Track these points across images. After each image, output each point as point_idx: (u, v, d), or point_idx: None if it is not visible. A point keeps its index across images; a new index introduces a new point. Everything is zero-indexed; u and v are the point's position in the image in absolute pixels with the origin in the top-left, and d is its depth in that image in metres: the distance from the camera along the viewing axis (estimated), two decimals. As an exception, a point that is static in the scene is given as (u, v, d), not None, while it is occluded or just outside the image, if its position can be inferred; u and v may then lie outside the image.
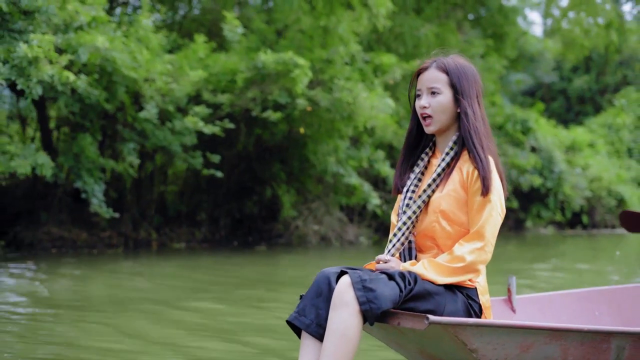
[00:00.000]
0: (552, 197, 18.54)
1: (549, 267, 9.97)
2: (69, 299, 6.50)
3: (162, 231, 12.27)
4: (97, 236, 11.46)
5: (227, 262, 10.02)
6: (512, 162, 17.24)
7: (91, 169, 9.88)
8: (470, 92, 2.87)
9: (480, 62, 16.16)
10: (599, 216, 20.20)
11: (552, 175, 18.29)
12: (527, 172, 17.56)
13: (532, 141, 18.22)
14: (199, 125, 10.12)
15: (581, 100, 30.19)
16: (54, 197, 11.23)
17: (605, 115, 25.12)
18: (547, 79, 29.93)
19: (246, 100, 10.81)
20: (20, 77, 8.22)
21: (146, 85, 10.02)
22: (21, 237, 10.91)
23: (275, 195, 12.54)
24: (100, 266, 9.02)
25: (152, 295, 6.68)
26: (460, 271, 2.75)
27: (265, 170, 12.54)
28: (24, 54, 8.16)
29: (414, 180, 2.96)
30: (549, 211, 18.67)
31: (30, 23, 8.85)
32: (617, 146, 23.26)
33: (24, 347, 4.25)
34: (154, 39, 10.45)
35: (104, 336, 4.61)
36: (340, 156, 12.35)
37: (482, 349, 2.64)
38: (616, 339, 2.83)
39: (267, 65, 10.53)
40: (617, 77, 29.64)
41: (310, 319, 2.67)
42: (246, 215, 13.04)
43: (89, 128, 10.11)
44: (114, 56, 9.41)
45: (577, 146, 20.88)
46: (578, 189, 19.08)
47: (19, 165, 8.75)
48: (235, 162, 12.45)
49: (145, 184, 11.98)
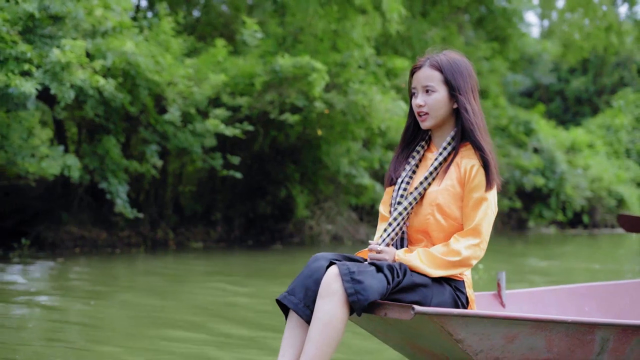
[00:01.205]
0: (554, 197, 18.89)
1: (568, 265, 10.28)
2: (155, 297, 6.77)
3: (178, 231, 12.53)
4: (116, 236, 11.71)
5: (260, 260, 10.26)
6: (515, 163, 17.57)
7: (115, 170, 10.13)
8: (465, 87, 2.90)
9: (486, 64, 16.47)
10: (599, 216, 20.57)
11: (554, 175, 18.64)
12: (529, 173, 17.89)
13: (534, 142, 18.55)
14: (220, 127, 10.39)
15: (578, 101, 30.58)
16: (75, 198, 11.48)
17: (603, 116, 25.50)
18: (545, 80, 30.31)
19: (264, 103, 11.08)
20: (54, 82, 8.48)
21: (169, 88, 10.28)
22: (44, 237, 11.15)
23: (289, 196, 12.82)
24: (149, 264, 9.33)
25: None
26: (454, 265, 2.78)
27: (279, 171, 12.82)
28: (57, 59, 8.42)
29: (408, 172, 2.98)
30: (551, 211, 19.02)
31: (60, 28, 9.12)
32: (615, 147, 23.64)
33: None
34: (174, 43, 10.71)
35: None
36: (353, 157, 12.64)
37: (467, 340, 2.67)
38: (600, 330, 2.86)
39: (285, 69, 10.80)
40: (613, 78, 30.03)
41: (298, 298, 2.69)
42: (259, 215, 13.31)
43: (112, 130, 10.36)
44: (137, 60, 9.67)
45: (577, 147, 21.24)
46: (579, 189, 19.43)
47: (50, 167, 9.00)
48: (250, 163, 12.72)
49: (162, 184, 12.24)
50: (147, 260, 10.01)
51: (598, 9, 20.78)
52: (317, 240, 12.90)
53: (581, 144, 21.44)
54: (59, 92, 8.47)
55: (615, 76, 30.03)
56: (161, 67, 10.11)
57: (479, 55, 16.15)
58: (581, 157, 20.74)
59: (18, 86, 8.11)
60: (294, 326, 2.72)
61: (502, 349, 2.74)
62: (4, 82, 8.13)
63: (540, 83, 30.54)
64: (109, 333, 4.85)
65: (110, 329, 4.99)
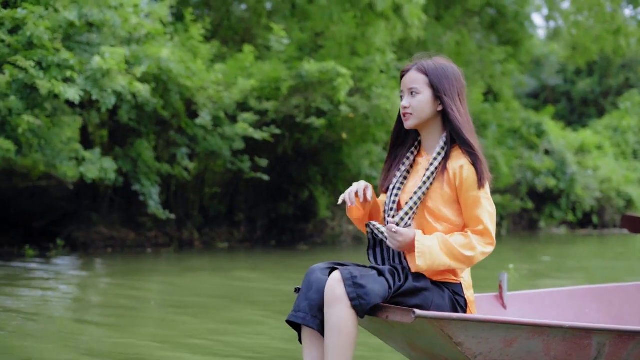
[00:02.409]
0: (565, 198, 19.20)
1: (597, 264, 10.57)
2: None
3: (203, 231, 12.83)
4: (144, 236, 12.01)
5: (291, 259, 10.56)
6: (527, 165, 17.88)
7: (148, 173, 10.43)
8: (450, 90, 2.94)
9: (499, 67, 16.76)
10: (608, 216, 20.87)
11: (565, 176, 18.94)
12: (541, 174, 18.20)
13: (545, 144, 18.86)
14: (249, 131, 10.69)
15: (584, 102, 30.87)
16: (104, 199, 11.78)
17: (610, 118, 25.79)
18: (552, 81, 30.61)
19: (290, 107, 11.38)
20: (95, 88, 8.78)
21: (199, 93, 10.57)
22: (75, 237, 11.45)
23: (311, 197, 13.12)
24: (195, 262, 9.68)
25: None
26: (467, 259, 2.83)
27: (302, 173, 13.11)
28: (98, 66, 8.71)
29: (399, 178, 3.01)
30: (561, 211, 19.33)
31: (98, 36, 9.42)
32: (622, 148, 23.94)
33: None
34: (203, 49, 11.01)
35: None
36: (373, 159, 12.94)
37: (467, 343, 2.72)
38: (597, 335, 2.90)
39: (311, 74, 11.10)
40: (619, 79, 30.33)
41: (304, 312, 2.76)
42: (280, 216, 13.61)
43: (144, 134, 10.65)
44: (169, 66, 9.97)
45: (586, 148, 21.54)
46: (589, 190, 19.74)
47: (88, 170, 9.30)
48: (273, 165, 13.02)
49: (188, 186, 12.53)
50: (191, 259, 10.33)
51: (606, 11, 21.05)
52: (338, 240, 13.20)
53: (590, 146, 21.73)
54: (100, 98, 8.76)
55: (620, 78, 30.33)
56: (192, 73, 10.41)
57: (493, 59, 16.44)
58: (590, 158, 21.04)
59: (62, 93, 8.41)
60: (309, 339, 2.80)
61: (501, 353, 2.79)
62: (49, 88, 8.43)
63: (546, 84, 30.84)
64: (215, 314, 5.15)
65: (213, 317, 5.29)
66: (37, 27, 8.65)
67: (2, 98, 8.42)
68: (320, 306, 2.75)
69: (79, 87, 8.62)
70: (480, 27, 18.61)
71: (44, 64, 8.66)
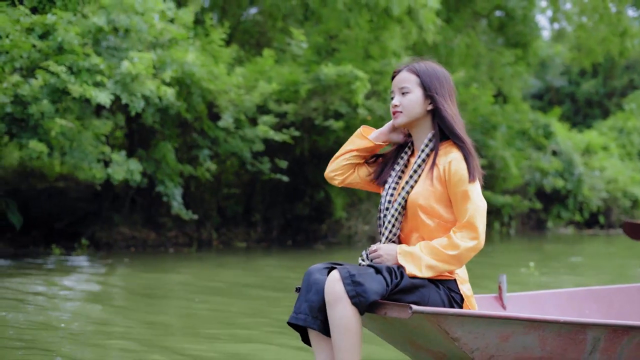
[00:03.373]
0: (572, 198, 19.45)
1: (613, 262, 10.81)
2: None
3: (220, 231, 13.07)
4: (164, 236, 12.26)
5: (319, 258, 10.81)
6: (535, 165, 18.12)
7: (171, 174, 10.67)
8: (441, 90, 3.00)
9: (509, 70, 17.00)
10: (615, 216, 21.13)
11: (572, 177, 19.19)
12: (549, 175, 18.45)
13: (553, 145, 19.11)
14: (270, 133, 10.93)
15: (589, 103, 31.13)
16: (125, 200, 12.02)
17: (615, 119, 26.03)
18: (556, 82, 30.87)
19: (309, 110, 11.62)
20: (124, 92, 9.02)
21: (221, 96, 10.81)
22: (98, 237, 11.69)
23: (326, 198, 13.36)
24: (231, 259, 10.10)
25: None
26: (454, 258, 2.84)
27: (318, 174, 13.35)
28: (128, 70, 8.96)
29: (394, 178, 3.08)
30: (569, 212, 19.58)
31: (124, 41, 9.66)
32: (628, 149, 24.18)
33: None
34: (224, 53, 11.26)
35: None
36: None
37: (463, 338, 2.76)
38: (591, 330, 2.95)
39: (329, 78, 11.35)
40: (623, 81, 30.59)
41: (305, 313, 2.81)
42: (295, 216, 13.86)
43: (167, 136, 10.89)
44: (191, 70, 10.21)
45: (592, 149, 21.80)
46: (595, 191, 19.99)
47: (115, 172, 9.53)
48: (290, 166, 13.25)
49: (206, 187, 12.77)
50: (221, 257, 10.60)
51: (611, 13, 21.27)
52: (353, 240, 13.45)
53: (596, 147, 21.98)
54: (129, 102, 9.00)
55: (624, 79, 30.58)
56: (214, 76, 10.65)
57: (502, 62, 16.69)
58: (596, 159, 21.29)
59: (93, 97, 8.66)
60: (316, 341, 2.86)
61: (497, 348, 2.83)
62: (80, 92, 8.68)
63: (551, 86, 31.09)
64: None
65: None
66: (67, 32, 8.90)
67: (35, 102, 8.66)
68: (320, 307, 2.81)
69: (109, 91, 8.86)
70: (489, 29, 18.86)
71: (74, 68, 8.91)
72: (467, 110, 15.77)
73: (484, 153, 16.09)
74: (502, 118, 16.60)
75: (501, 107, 17.16)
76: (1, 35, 8.85)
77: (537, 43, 19.76)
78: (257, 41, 14.59)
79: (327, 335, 2.81)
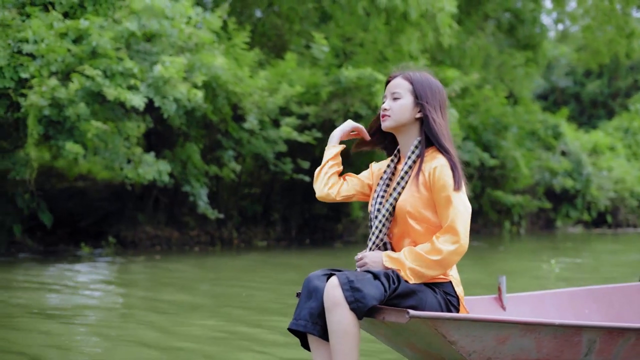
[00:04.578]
0: (580, 198, 19.76)
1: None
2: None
3: (240, 230, 13.36)
4: (187, 235, 12.55)
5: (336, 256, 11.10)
6: (545, 166, 18.42)
7: (197, 175, 10.95)
8: (432, 100, 3.05)
9: (522, 71, 17.30)
10: (622, 216, 21.44)
11: (581, 177, 19.49)
12: (558, 175, 18.76)
13: (562, 145, 19.41)
14: (293, 134, 11.21)
15: (594, 104, 31.42)
16: (149, 199, 12.30)
17: (620, 119, 26.33)
18: (561, 83, 31.17)
19: (329, 112, 11.91)
20: (157, 95, 9.31)
21: (245, 98, 11.10)
22: (124, 236, 11.97)
23: (346, 197, 13.63)
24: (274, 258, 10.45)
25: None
26: (437, 263, 2.90)
27: (335, 174, 13.63)
28: (160, 74, 9.24)
29: (382, 186, 3.13)
30: (577, 211, 19.89)
31: (154, 45, 9.95)
32: (634, 149, 24.48)
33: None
34: (248, 56, 11.54)
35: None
36: (405, 161, 13.46)
37: (460, 341, 2.79)
38: (587, 332, 2.96)
39: (349, 80, 11.64)
40: (628, 81, 30.88)
41: (305, 319, 2.87)
42: (313, 216, 14.15)
43: (193, 137, 11.18)
44: (218, 73, 10.49)
45: (599, 149, 22.10)
46: (603, 190, 20.30)
47: (146, 173, 9.81)
48: (309, 166, 13.54)
49: (227, 187, 13.06)
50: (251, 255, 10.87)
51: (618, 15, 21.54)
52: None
53: (602, 147, 22.29)
54: (162, 105, 9.28)
55: (629, 80, 30.87)
56: (239, 79, 10.93)
57: (514, 63, 16.98)
58: (603, 159, 21.59)
59: (128, 100, 8.94)
60: (315, 346, 2.92)
61: (494, 350, 2.85)
62: (115, 95, 8.96)
63: (556, 86, 31.38)
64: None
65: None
66: (101, 37, 9.18)
67: (71, 105, 8.94)
68: (319, 313, 2.86)
69: (142, 94, 9.13)
70: (498, 31, 19.15)
71: (108, 72, 9.19)
72: (479, 112, 16.07)
73: (495, 153, 16.39)
74: (513, 119, 16.90)
75: (512, 108, 17.45)
76: (37, 39, 9.14)
77: (546, 44, 20.07)
78: (274, 44, 14.87)
79: (326, 340, 2.88)
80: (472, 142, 15.66)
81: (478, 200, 16.85)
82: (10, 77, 8.88)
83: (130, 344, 4.42)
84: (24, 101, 8.79)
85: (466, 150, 15.21)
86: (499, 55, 17.35)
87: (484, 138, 16.23)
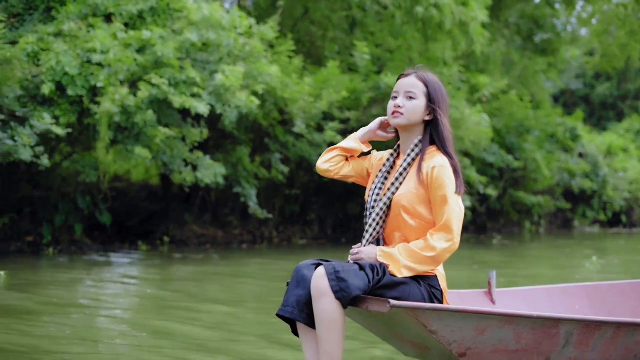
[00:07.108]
0: (597, 198, 20.38)
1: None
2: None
3: (279, 229, 13.95)
4: (231, 234, 13.14)
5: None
6: (564, 167, 19.03)
7: (247, 177, 11.53)
8: (441, 104, 3.18)
9: (543, 77, 17.90)
10: (636, 216, 22.07)
11: (597, 178, 20.12)
12: (577, 176, 19.38)
13: (579, 147, 20.03)
14: (337, 138, 11.79)
15: (603, 106, 32.03)
16: (196, 199, 12.89)
17: (630, 121, 26.93)
18: (572, 85, 31.78)
19: (370, 117, 12.49)
20: (219, 103, 9.88)
21: (292, 104, 11.68)
22: (173, 235, 12.55)
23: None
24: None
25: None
26: (431, 259, 3.02)
27: (370, 176, 14.22)
28: (222, 83, 9.82)
29: (380, 179, 3.24)
30: (593, 211, 20.52)
31: (211, 54, 10.52)
32: (645, 151, 25.09)
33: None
34: (294, 63, 12.13)
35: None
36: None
37: (441, 331, 2.89)
38: (565, 325, 3.05)
39: (389, 86, 12.21)
40: (637, 83, 31.49)
41: (292, 307, 3.00)
42: (347, 216, 14.74)
43: (244, 141, 11.76)
44: (267, 80, 11.06)
45: (613, 151, 22.72)
46: (618, 191, 20.93)
47: (205, 176, 10.37)
48: (344, 168, 14.15)
49: (268, 188, 13.64)
50: (300, 252, 11.45)
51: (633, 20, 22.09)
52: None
53: (616, 148, 22.90)
54: (223, 112, 9.86)
55: (638, 82, 31.48)
56: (286, 86, 11.51)
57: (536, 69, 17.58)
58: (617, 160, 22.21)
59: (194, 107, 9.52)
60: (303, 332, 3.07)
61: (474, 341, 2.95)
62: (180, 103, 9.54)
63: (566, 89, 31.98)
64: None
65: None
66: (165, 47, 9.75)
67: (139, 112, 9.51)
68: (306, 301, 3.00)
69: (205, 102, 9.71)
70: (518, 37, 19.74)
71: (172, 81, 9.76)
72: (503, 115, 16.66)
73: (518, 155, 16.98)
74: (534, 122, 17.48)
75: (534, 112, 18.04)
76: (103, 50, 9.70)
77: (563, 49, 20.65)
78: (309, 51, 15.44)
79: (313, 328, 3.01)
80: (497, 145, 16.24)
81: (500, 200, 17.43)
82: (81, 86, 9.44)
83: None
84: (97, 108, 9.35)
85: (491, 152, 15.80)
86: (520, 60, 17.94)
87: (508, 141, 16.81)
